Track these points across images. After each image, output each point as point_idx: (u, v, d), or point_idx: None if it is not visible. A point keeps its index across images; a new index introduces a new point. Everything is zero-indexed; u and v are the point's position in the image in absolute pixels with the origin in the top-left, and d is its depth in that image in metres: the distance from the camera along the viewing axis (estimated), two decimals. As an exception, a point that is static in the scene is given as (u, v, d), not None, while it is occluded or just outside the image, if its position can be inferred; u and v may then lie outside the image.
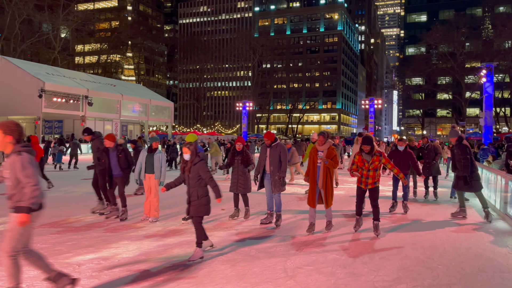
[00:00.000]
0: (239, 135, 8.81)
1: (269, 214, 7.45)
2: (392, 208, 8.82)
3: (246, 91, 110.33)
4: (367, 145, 6.57)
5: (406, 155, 8.71)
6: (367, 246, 6.03)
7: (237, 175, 7.64)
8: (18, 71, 32.44)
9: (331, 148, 6.76)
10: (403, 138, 9.03)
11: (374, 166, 6.57)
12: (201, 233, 5.26)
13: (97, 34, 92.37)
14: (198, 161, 5.25)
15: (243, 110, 48.02)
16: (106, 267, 4.92)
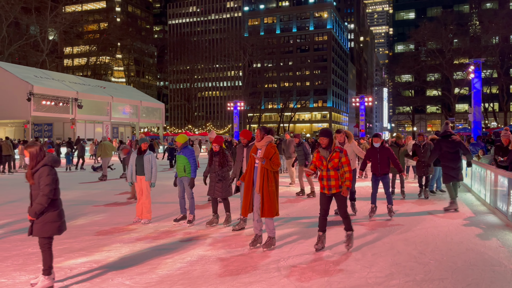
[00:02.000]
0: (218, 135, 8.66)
1: (241, 220, 7.00)
2: (372, 212, 7.91)
3: (237, 91, 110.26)
4: (325, 137, 5.55)
5: (383, 152, 7.85)
6: (360, 243, 6.05)
7: (215, 178, 7.10)
8: (6, 75, 32.03)
9: (270, 146, 5.74)
10: (378, 134, 8.09)
11: (334, 165, 5.46)
12: (47, 258, 4.24)
13: (86, 36, 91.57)
14: (40, 167, 4.17)
15: (234, 110, 47.97)
16: (98, 269, 4.88)
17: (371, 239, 6.29)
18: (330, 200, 5.61)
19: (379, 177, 7.87)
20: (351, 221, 5.81)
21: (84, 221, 7.80)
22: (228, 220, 7.25)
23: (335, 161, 5.49)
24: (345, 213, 5.62)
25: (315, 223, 7.37)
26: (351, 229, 5.67)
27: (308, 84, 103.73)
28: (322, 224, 5.63)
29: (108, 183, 14.49)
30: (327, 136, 5.58)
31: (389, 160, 7.86)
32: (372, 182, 7.96)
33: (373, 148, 7.96)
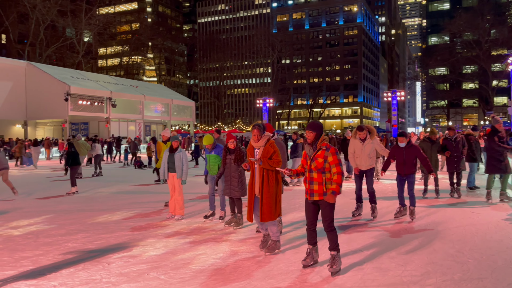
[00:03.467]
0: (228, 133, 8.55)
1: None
2: (399, 213, 7.43)
3: (266, 87, 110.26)
4: (311, 130, 4.64)
5: (410, 151, 7.22)
6: (394, 240, 5.94)
7: (230, 176, 6.75)
8: (44, 76, 33.40)
9: (269, 145, 5.32)
10: (404, 133, 7.33)
11: (317, 165, 4.55)
12: None
13: (119, 37, 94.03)
14: None
15: (263, 106, 48.01)
16: (134, 264, 5.03)
17: (405, 237, 6.15)
18: (316, 210, 4.70)
19: (404, 177, 7.33)
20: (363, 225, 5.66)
21: (120, 217, 8.04)
22: (239, 221, 6.93)
23: (318, 160, 4.53)
24: (329, 226, 4.61)
25: (341, 221, 7.30)
26: (336, 249, 4.62)
27: (338, 79, 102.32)
28: (310, 237, 4.78)
29: (144, 179, 14.84)
30: (313, 129, 4.65)
31: (417, 160, 7.28)
32: (397, 182, 7.45)
33: (398, 147, 7.37)
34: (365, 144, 7.47)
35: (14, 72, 33.37)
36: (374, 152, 7.55)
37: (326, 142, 4.60)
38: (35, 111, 33.83)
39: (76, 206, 9.43)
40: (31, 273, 4.72)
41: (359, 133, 7.52)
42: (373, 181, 7.61)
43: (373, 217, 7.42)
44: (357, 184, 7.65)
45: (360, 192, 7.64)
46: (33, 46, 52.59)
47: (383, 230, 6.60)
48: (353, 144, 7.64)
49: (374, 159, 7.55)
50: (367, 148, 7.47)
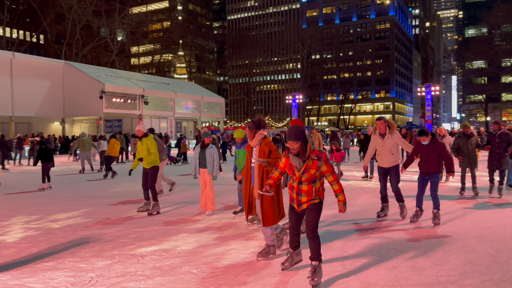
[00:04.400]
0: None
1: None
2: (416, 217, 6.81)
3: (295, 83, 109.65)
4: (295, 140, 4.03)
5: (434, 148, 6.57)
6: (429, 240, 5.77)
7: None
8: (80, 75, 34.55)
9: (264, 143, 4.95)
10: (425, 131, 6.64)
11: (309, 177, 4.11)
12: None
13: (150, 35, 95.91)
14: None
15: (293, 102, 47.78)
16: (167, 258, 5.12)
17: (441, 236, 5.97)
18: (300, 217, 4.36)
19: (426, 176, 6.68)
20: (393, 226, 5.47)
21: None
22: None
23: (311, 172, 4.07)
24: (313, 232, 4.16)
25: (366, 222, 7.15)
26: (318, 259, 4.17)
27: (369, 74, 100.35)
28: (293, 240, 4.48)
29: (176, 177, 15.10)
30: (296, 139, 4.02)
31: (441, 158, 6.60)
32: (419, 181, 6.82)
33: (421, 145, 6.77)
34: (385, 140, 6.95)
35: (52, 71, 34.67)
36: (396, 148, 6.98)
37: (314, 149, 4.12)
38: (72, 108, 35.07)
39: (110, 201, 9.72)
40: (69, 265, 4.90)
41: (377, 123, 7.00)
42: (398, 179, 7.03)
43: (402, 217, 6.99)
44: (381, 183, 7.19)
45: (384, 191, 7.18)
46: (69, 46, 54.44)
47: (415, 229, 6.42)
48: (374, 140, 7.17)
49: (396, 155, 6.98)
50: (387, 144, 6.93)
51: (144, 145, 8.03)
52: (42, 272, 4.67)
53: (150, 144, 8.03)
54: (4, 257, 5.29)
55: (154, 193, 7.99)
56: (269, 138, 5.01)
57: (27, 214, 8.12)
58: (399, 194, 7.05)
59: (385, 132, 6.96)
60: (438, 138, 6.83)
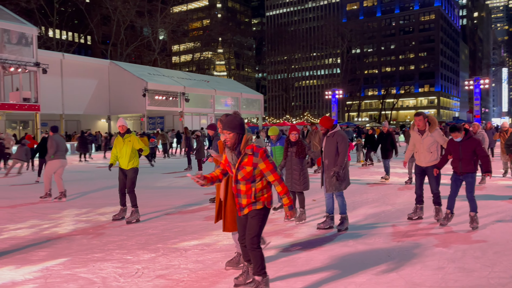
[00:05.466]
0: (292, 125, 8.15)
1: (327, 218, 6.31)
2: (446, 220, 6.28)
3: (335, 78, 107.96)
4: (228, 130, 3.61)
5: (468, 145, 6.01)
6: (478, 240, 5.51)
7: (291, 170, 6.69)
8: (124, 73, 35.83)
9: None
10: (457, 127, 6.07)
11: (245, 175, 3.61)
12: None
13: (191, 34, 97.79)
14: None
15: (332, 98, 47.14)
16: (209, 252, 5.22)
17: (491, 236, 5.68)
18: (244, 223, 3.82)
19: (460, 176, 6.13)
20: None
21: (196, 207, 8.39)
22: (301, 216, 6.72)
23: (246, 169, 3.59)
24: (253, 243, 3.66)
25: (399, 224, 6.91)
26: (262, 273, 3.70)
27: (412, 68, 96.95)
28: (245, 253, 3.98)
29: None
30: (231, 128, 3.60)
31: (477, 156, 6.03)
32: (452, 181, 6.25)
33: (454, 142, 6.22)
34: (424, 137, 6.47)
35: (99, 70, 36.17)
36: (436, 147, 6.48)
37: (251, 144, 3.62)
38: (117, 106, 36.44)
39: (154, 195, 10.02)
40: (117, 257, 5.11)
41: (416, 119, 6.52)
42: (438, 180, 6.51)
43: (437, 220, 6.52)
44: (416, 182, 6.73)
45: (419, 191, 6.67)
46: (114, 46, 56.51)
47: (460, 231, 6.15)
48: (412, 137, 6.73)
49: (435, 154, 6.46)
50: (426, 141, 6.46)
51: (127, 143, 6.99)
52: (92, 263, 4.89)
53: (136, 141, 7.01)
54: (57, 247, 5.60)
55: (133, 198, 7.08)
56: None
57: (77, 207, 8.55)
58: (437, 197, 6.54)
59: (424, 129, 6.51)
60: (473, 134, 6.32)
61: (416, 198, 6.75)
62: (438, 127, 6.55)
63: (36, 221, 7.27)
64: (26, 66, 26.90)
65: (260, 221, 3.66)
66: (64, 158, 9.35)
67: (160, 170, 15.96)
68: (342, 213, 6.15)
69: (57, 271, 4.63)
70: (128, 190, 7.10)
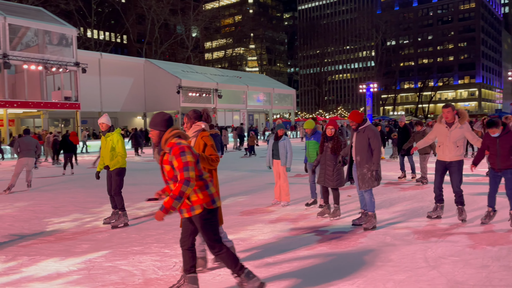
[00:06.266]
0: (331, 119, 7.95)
1: (362, 214, 6.16)
2: (488, 218, 6.00)
3: (369, 72, 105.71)
4: (151, 127, 3.54)
5: (505, 141, 5.68)
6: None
7: (325, 165, 6.54)
8: (159, 71, 36.59)
9: (200, 137, 4.35)
10: (494, 121, 5.74)
11: (167, 174, 3.48)
12: None
13: (223, 30, 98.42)
14: None
15: (367, 92, 46.16)
16: (244, 247, 5.26)
17: (540, 234, 5.40)
18: (190, 228, 3.63)
19: (498, 172, 5.82)
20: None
21: (230, 202, 8.48)
22: (335, 213, 6.60)
23: (166, 168, 3.45)
24: (212, 248, 3.50)
25: (417, 225, 6.67)
26: (237, 272, 3.52)
27: (451, 59, 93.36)
28: (183, 259, 3.72)
29: (253, 166, 15.42)
30: (154, 126, 3.52)
31: None
32: (490, 178, 5.98)
33: (490, 137, 5.92)
34: (452, 130, 6.09)
35: (134, 69, 37.13)
36: (463, 141, 6.13)
37: (172, 141, 3.44)
38: (152, 103, 37.30)
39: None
40: (155, 250, 5.24)
41: (444, 111, 6.18)
42: (461, 177, 6.13)
43: (461, 220, 6.14)
44: (436, 179, 6.32)
45: (439, 190, 6.31)
46: (149, 44, 57.79)
47: (502, 228, 5.88)
48: (437, 129, 6.34)
49: (461, 149, 6.13)
50: (454, 134, 6.06)
51: (109, 142, 6.57)
52: (131, 255, 5.05)
53: (115, 140, 6.57)
54: (98, 240, 5.81)
55: (119, 201, 6.70)
56: (207, 132, 4.45)
57: (117, 202, 8.82)
58: (460, 196, 6.15)
59: (453, 121, 6.14)
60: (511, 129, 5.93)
61: (435, 197, 6.39)
62: (467, 121, 6.23)
63: (79, 215, 7.58)
64: (66, 66, 27.98)
65: (206, 226, 3.46)
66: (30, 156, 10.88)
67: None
68: (370, 211, 5.94)
69: (99, 263, 4.81)
70: (113, 192, 6.69)
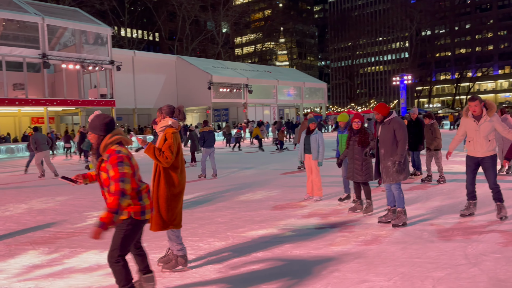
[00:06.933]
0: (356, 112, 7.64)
1: (389, 211, 5.93)
2: None
3: (403, 63, 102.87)
4: (92, 132, 3.31)
5: None
6: None
7: (353, 159, 6.49)
8: (191, 67, 37.09)
9: (165, 132, 4.21)
10: None
11: (104, 182, 3.26)
12: None
13: (253, 25, 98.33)
14: None
15: (400, 84, 45.04)
16: (277, 242, 5.26)
17: None
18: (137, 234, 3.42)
19: None
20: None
21: (261, 196, 8.50)
22: (368, 208, 6.48)
23: (103, 176, 3.24)
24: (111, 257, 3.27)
25: (445, 223, 6.40)
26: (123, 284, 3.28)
27: (491, 48, 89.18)
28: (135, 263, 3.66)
29: (284, 162, 15.40)
30: (92, 129, 3.29)
31: None
32: None
33: None
34: (481, 123, 5.72)
35: (166, 65, 37.79)
36: (494, 135, 5.78)
37: (112, 148, 3.20)
38: (184, 99, 37.88)
39: (220, 185, 10.30)
40: (190, 243, 5.33)
41: (470, 104, 5.76)
42: (495, 173, 5.83)
43: (500, 218, 5.78)
44: (468, 176, 6.00)
45: (471, 186, 5.98)
46: (180, 41, 58.61)
47: (559, 222, 5.58)
48: (464, 124, 5.96)
49: (494, 143, 5.78)
50: (484, 128, 5.70)
51: None
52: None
53: None
54: (135, 233, 5.96)
55: None
56: (175, 129, 4.27)
57: (151, 196, 9.04)
58: (498, 192, 5.80)
59: (480, 114, 5.75)
60: None
61: (468, 194, 6.07)
62: (496, 113, 5.84)
63: (116, 209, 7.81)
64: (102, 64, 28.84)
65: (122, 232, 3.25)
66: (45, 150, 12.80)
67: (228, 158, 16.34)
68: (399, 207, 5.70)
69: (136, 255, 4.94)
70: None
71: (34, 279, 4.29)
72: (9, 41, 25.77)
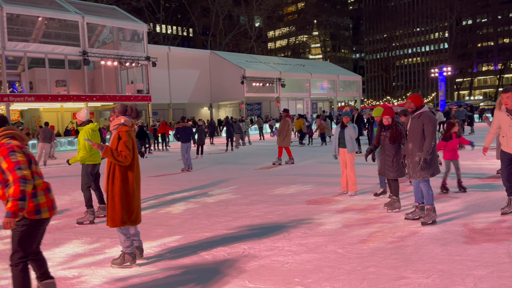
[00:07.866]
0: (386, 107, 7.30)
1: (417, 208, 5.76)
2: None
3: (442, 54, 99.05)
4: None
5: None
6: None
7: (384, 155, 6.32)
8: (224, 62, 37.34)
9: (118, 131, 4.24)
10: None
11: None
12: None
13: (286, 18, 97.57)
14: None
15: (439, 76, 43.47)
16: (311, 236, 5.24)
17: None
18: None
19: None
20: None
21: (295, 190, 8.48)
22: (393, 205, 6.30)
23: None
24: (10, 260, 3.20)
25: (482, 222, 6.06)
26: None
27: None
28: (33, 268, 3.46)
29: (319, 156, 15.28)
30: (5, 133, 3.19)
31: None
32: None
33: None
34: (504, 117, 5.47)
35: (200, 61, 38.23)
36: None
37: (2, 141, 3.11)
38: (218, 94, 38.25)
39: (255, 179, 10.35)
40: (224, 236, 5.41)
41: (503, 96, 5.39)
42: None
43: None
44: (503, 172, 5.71)
45: (508, 182, 5.64)
46: (214, 36, 59.09)
47: None
48: (498, 117, 5.60)
49: None
50: None
51: (80, 136, 6.40)
52: (202, 241, 5.26)
53: (80, 136, 6.34)
54: (171, 226, 6.12)
55: (86, 197, 6.48)
56: (128, 127, 4.28)
57: (187, 190, 9.23)
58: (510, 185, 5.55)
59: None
60: None
61: (507, 190, 5.71)
62: None
63: (153, 202, 8.04)
64: (138, 60, 29.56)
65: (17, 234, 3.12)
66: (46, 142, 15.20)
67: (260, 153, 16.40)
68: (428, 204, 5.48)
69: (173, 247, 5.07)
70: (81, 187, 6.62)
71: (77, 268, 4.49)
72: (51, 39, 26.83)
